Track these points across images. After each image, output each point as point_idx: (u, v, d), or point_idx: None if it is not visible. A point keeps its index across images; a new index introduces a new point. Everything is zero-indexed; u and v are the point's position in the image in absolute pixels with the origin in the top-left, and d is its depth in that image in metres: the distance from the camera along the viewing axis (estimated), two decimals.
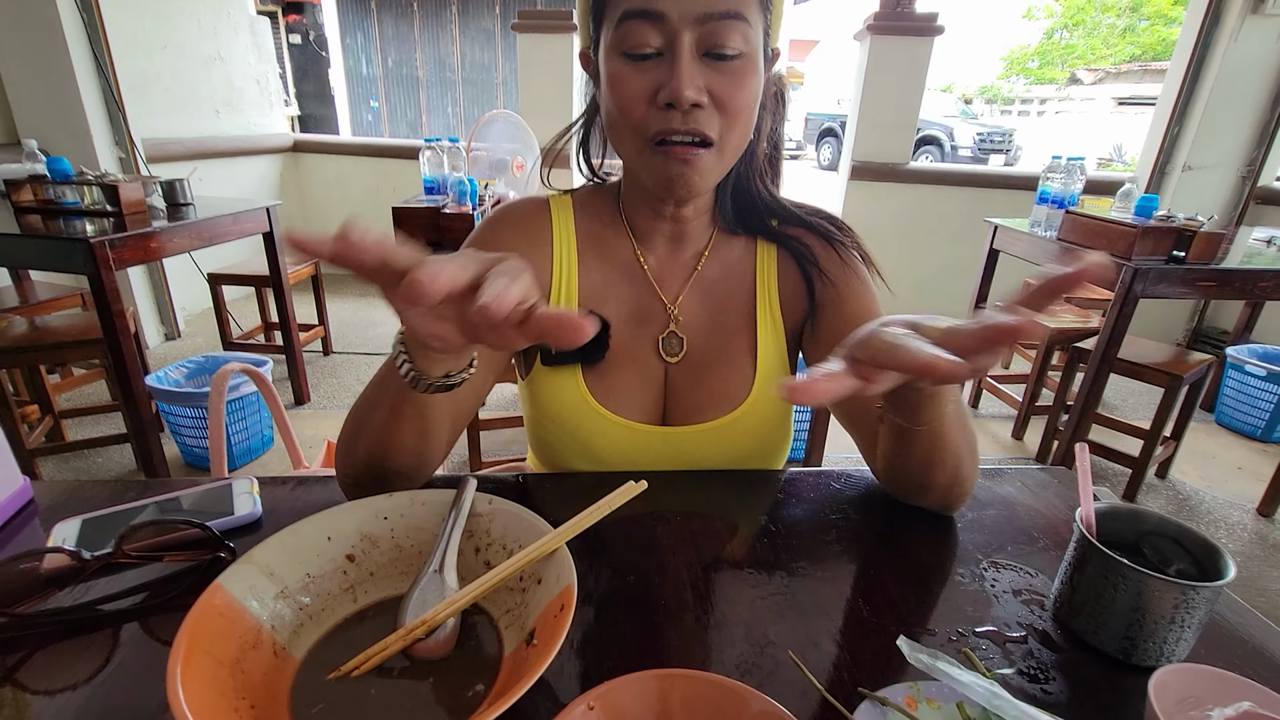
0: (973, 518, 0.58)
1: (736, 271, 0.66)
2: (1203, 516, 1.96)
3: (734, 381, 0.64)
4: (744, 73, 0.52)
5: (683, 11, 0.49)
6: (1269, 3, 2.74)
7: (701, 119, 0.52)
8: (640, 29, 0.51)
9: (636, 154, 0.56)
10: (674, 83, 0.50)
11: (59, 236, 1.60)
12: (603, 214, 0.67)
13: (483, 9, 7.78)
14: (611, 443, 0.63)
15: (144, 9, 2.92)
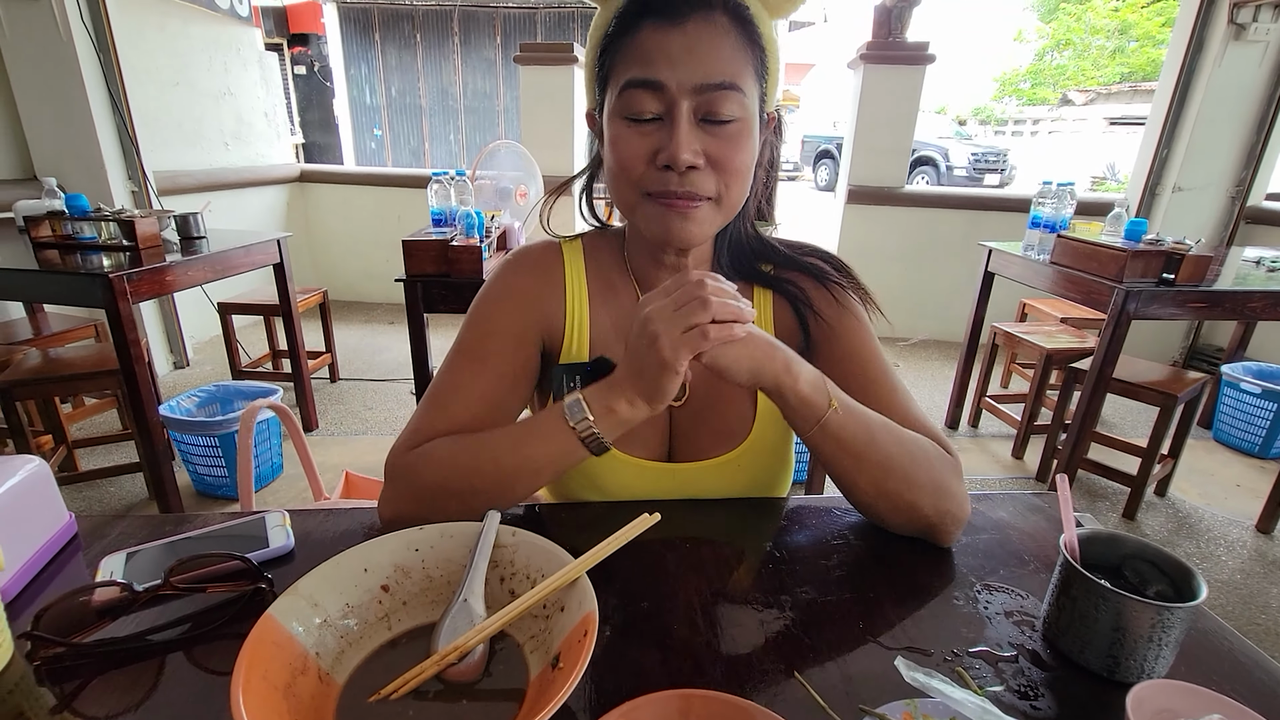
0: (967, 542, 0.61)
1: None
2: (1202, 534, 1.97)
3: (735, 421, 0.68)
4: (739, 136, 0.56)
5: (680, 82, 0.53)
6: (1249, 30, 2.82)
7: (698, 180, 0.56)
8: (641, 97, 0.55)
9: (635, 206, 0.59)
10: (672, 147, 0.54)
11: (78, 272, 1.65)
12: (609, 259, 0.70)
13: (484, 39, 7.96)
14: (621, 478, 0.67)
15: (158, 47, 3.02)
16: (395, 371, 3.08)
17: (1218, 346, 3.29)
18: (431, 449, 0.59)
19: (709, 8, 0.54)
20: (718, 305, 0.50)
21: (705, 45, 0.53)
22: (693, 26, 0.53)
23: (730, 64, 0.54)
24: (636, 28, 0.55)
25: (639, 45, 0.55)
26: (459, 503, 0.57)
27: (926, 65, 3.25)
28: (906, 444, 0.58)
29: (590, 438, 0.55)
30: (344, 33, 8.06)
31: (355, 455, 2.30)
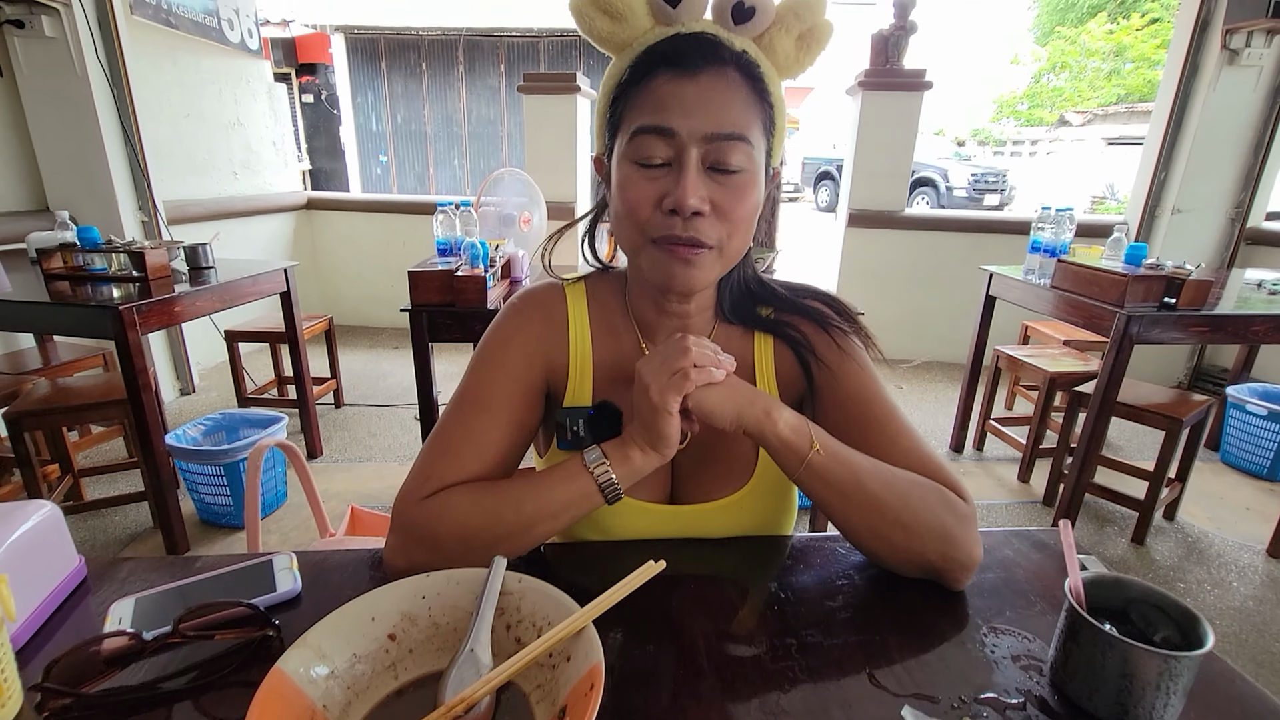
0: (973, 582, 0.61)
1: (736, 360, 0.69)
2: (1213, 560, 1.95)
3: (737, 465, 0.68)
4: (745, 187, 0.57)
5: (691, 130, 0.55)
6: (1243, 54, 2.87)
7: (702, 227, 0.57)
8: (651, 142, 0.56)
9: (640, 250, 0.60)
10: (679, 192, 0.55)
11: (88, 304, 1.67)
12: (612, 302, 0.71)
13: (488, 67, 8.11)
14: (624, 520, 0.67)
15: (170, 82, 3.08)
16: (400, 397, 3.09)
17: (1222, 367, 3.28)
18: (450, 499, 0.59)
19: (722, 62, 0.56)
20: (696, 352, 0.56)
21: (718, 97, 0.55)
22: (706, 78, 0.55)
23: (740, 116, 0.56)
24: (651, 76, 0.56)
25: (652, 93, 0.56)
26: (481, 551, 0.57)
27: (924, 91, 3.30)
28: (900, 487, 0.58)
29: (608, 484, 0.58)
30: (351, 62, 8.22)
31: (359, 483, 2.30)
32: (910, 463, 0.61)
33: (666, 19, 0.58)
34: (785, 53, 0.59)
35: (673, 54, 0.56)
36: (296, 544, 1.93)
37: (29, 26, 2.37)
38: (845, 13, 10.73)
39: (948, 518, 0.58)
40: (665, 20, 0.58)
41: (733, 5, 0.56)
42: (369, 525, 1.00)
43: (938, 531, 0.57)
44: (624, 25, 0.59)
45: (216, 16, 3.33)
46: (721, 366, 0.57)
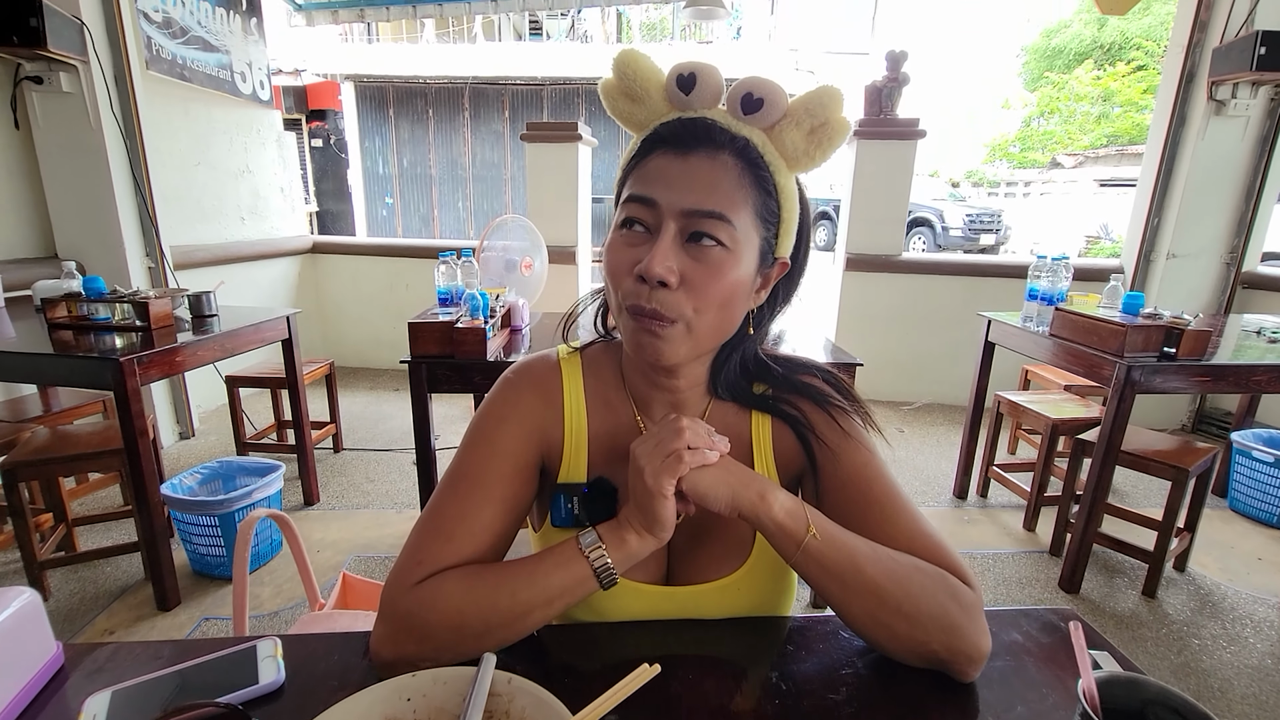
0: (982, 671, 0.59)
1: (731, 432, 0.67)
2: (1226, 614, 1.90)
3: (733, 545, 0.67)
4: (720, 264, 0.56)
5: (670, 202, 0.56)
6: (1229, 105, 2.93)
7: (666, 299, 0.56)
8: (635, 209, 0.58)
9: (620, 318, 0.61)
10: (648, 259, 0.55)
11: (88, 355, 1.67)
12: (608, 376, 0.70)
13: (493, 113, 8.33)
14: (619, 602, 0.65)
15: (182, 130, 3.16)
16: (398, 441, 3.07)
17: (1225, 411, 3.26)
18: (442, 586, 0.57)
19: (716, 146, 0.57)
20: (691, 433, 0.56)
21: (703, 176, 0.56)
22: (696, 159, 0.57)
23: (725, 197, 0.56)
24: (649, 154, 0.59)
25: (646, 168, 0.58)
26: (473, 642, 0.55)
27: (917, 140, 3.37)
28: (901, 574, 0.56)
29: (604, 569, 0.57)
30: (360, 108, 8.46)
31: (356, 531, 2.27)
32: (913, 545, 0.59)
33: (680, 104, 0.60)
34: (795, 145, 0.59)
35: (671, 135, 0.58)
36: (289, 598, 1.89)
37: (47, 82, 2.44)
38: (839, 62, 11.07)
39: (952, 606, 0.56)
40: (679, 105, 0.60)
41: (741, 96, 0.58)
42: (361, 594, 0.97)
43: (941, 621, 0.55)
44: (641, 107, 0.61)
45: (230, 70, 3.43)
46: (715, 448, 0.57)
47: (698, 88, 0.58)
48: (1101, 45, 14.54)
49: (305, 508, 2.43)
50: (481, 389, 1.71)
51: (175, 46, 3.03)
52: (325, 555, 2.12)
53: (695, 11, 3.58)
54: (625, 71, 0.60)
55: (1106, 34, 14.32)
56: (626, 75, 0.60)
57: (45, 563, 1.88)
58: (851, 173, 3.49)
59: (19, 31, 2.21)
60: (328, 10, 4.39)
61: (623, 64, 0.60)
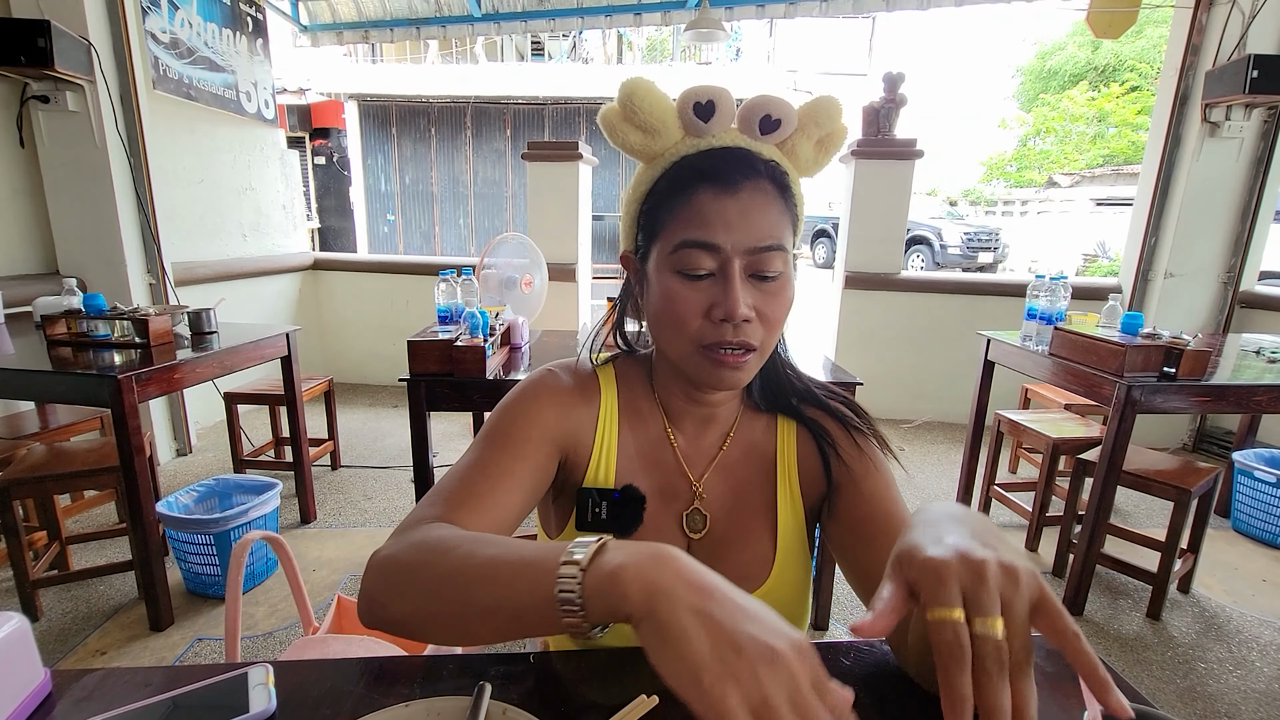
0: None
1: (758, 453, 0.70)
2: (1232, 636, 1.88)
3: (754, 563, 0.67)
4: (781, 291, 0.60)
5: (734, 244, 0.57)
6: (1223, 128, 2.97)
7: (749, 331, 0.59)
8: (697, 255, 0.58)
9: (687, 356, 0.61)
10: (729, 303, 0.57)
11: (86, 373, 1.67)
12: (639, 388, 0.72)
13: (494, 132, 8.42)
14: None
15: (186, 149, 3.19)
16: (396, 459, 3.06)
17: (1227, 430, 3.25)
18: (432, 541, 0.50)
19: (758, 175, 0.59)
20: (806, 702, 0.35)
21: (757, 211, 0.58)
22: (745, 194, 0.58)
23: (776, 227, 0.59)
24: (692, 191, 0.59)
25: (695, 208, 0.58)
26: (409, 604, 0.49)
27: (915, 160, 3.40)
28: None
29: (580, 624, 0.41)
30: (363, 126, 8.55)
31: (353, 550, 2.25)
32: None
33: (697, 131, 0.60)
34: (806, 156, 0.63)
35: (712, 170, 0.58)
36: (283, 618, 1.87)
37: (54, 101, 2.47)
38: (836, 83, 11.21)
39: None
40: (696, 133, 0.61)
41: (760, 118, 0.59)
42: (354, 618, 0.96)
43: None
44: (656, 138, 0.61)
45: (235, 89, 3.47)
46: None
47: (717, 114, 0.59)
48: (1096, 67, 14.75)
49: (302, 526, 2.42)
50: (481, 407, 1.70)
51: (182, 66, 3.07)
52: (321, 574, 2.10)
53: (696, 34, 3.63)
54: (637, 105, 0.58)
55: (1100, 56, 14.53)
56: (639, 109, 0.58)
57: (38, 581, 1.86)
58: (850, 192, 3.51)
59: (27, 51, 2.24)
60: (332, 31, 4.46)
61: (632, 97, 0.58)
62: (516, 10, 4.28)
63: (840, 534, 0.67)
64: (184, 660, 1.68)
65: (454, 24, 4.37)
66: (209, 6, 3.26)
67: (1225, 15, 2.91)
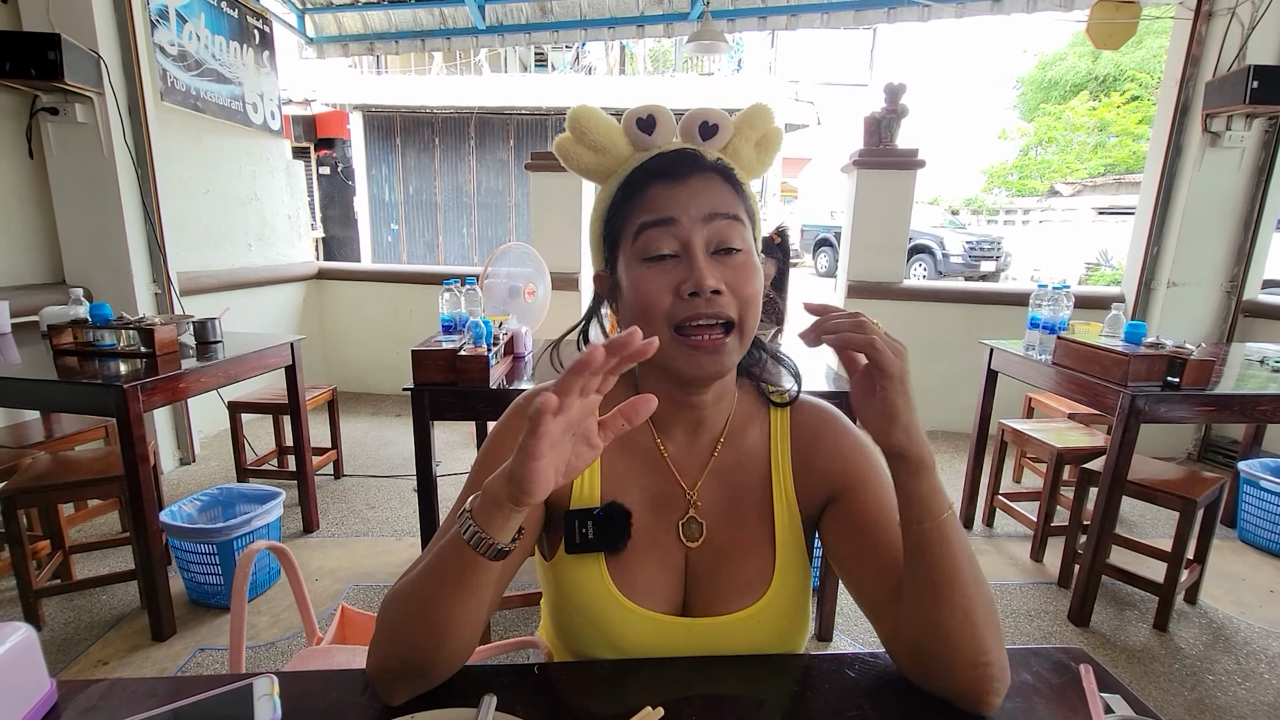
0: (994, 714, 0.58)
1: (751, 459, 0.70)
2: (1240, 648, 1.87)
3: (754, 573, 0.66)
4: (747, 266, 0.61)
5: (690, 215, 0.60)
6: (1224, 138, 2.97)
7: (723, 303, 0.60)
8: (657, 235, 0.60)
9: (665, 346, 0.61)
10: (696, 275, 0.59)
11: (92, 382, 1.67)
12: (620, 398, 0.70)
13: (498, 142, 8.47)
14: (635, 634, 0.64)
15: (193, 160, 3.22)
16: (399, 467, 3.06)
17: (1232, 439, 3.24)
18: (394, 587, 0.58)
19: (704, 168, 0.62)
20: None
21: (706, 191, 0.62)
22: (695, 181, 0.62)
23: (730, 202, 0.62)
24: (644, 187, 0.62)
25: (649, 199, 0.62)
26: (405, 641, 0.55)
27: (917, 170, 3.42)
28: (982, 574, 0.58)
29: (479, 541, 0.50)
30: (368, 137, 8.61)
31: (356, 559, 2.24)
32: None
33: (643, 145, 0.66)
34: (748, 157, 0.67)
35: (661, 167, 0.63)
36: (286, 628, 1.87)
37: (63, 113, 2.50)
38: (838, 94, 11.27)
39: (1000, 623, 0.58)
40: (642, 146, 0.66)
41: (699, 124, 0.65)
42: (359, 628, 0.96)
43: (998, 634, 0.57)
44: (606, 156, 0.66)
45: (242, 101, 3.51)
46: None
47: (658, 127, 0.65)
48: (1096, 77, 14.81)
49: (304, 535, 2.41)
50: (484, 416, 1.71)
51: (189, 78, 3.10)
52: (324, 584, 2.10)
53: (698, 45, 3.66)
54: (585, 127, 0.65)
55: (1101, 66, 14.59)
56: (588, 130, 0.65)
57: (41, 591, 1.86)
58: (852, 201, 3.52)
59: (37, 64, 2.27)
60: (338, 43, 4.50)
61: (580, 121, 0.65)
62: (520, 22, 4.32)
63: (837, 544, 0.66)
64: (186, 670, 1.68)
65: (458, 36, 4.41)
66: (217, 19, 3.30)
67: (1224, 26, 2.92)
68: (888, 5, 3.82)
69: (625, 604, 0.64)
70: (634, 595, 0.65)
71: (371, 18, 4.34)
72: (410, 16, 4.32)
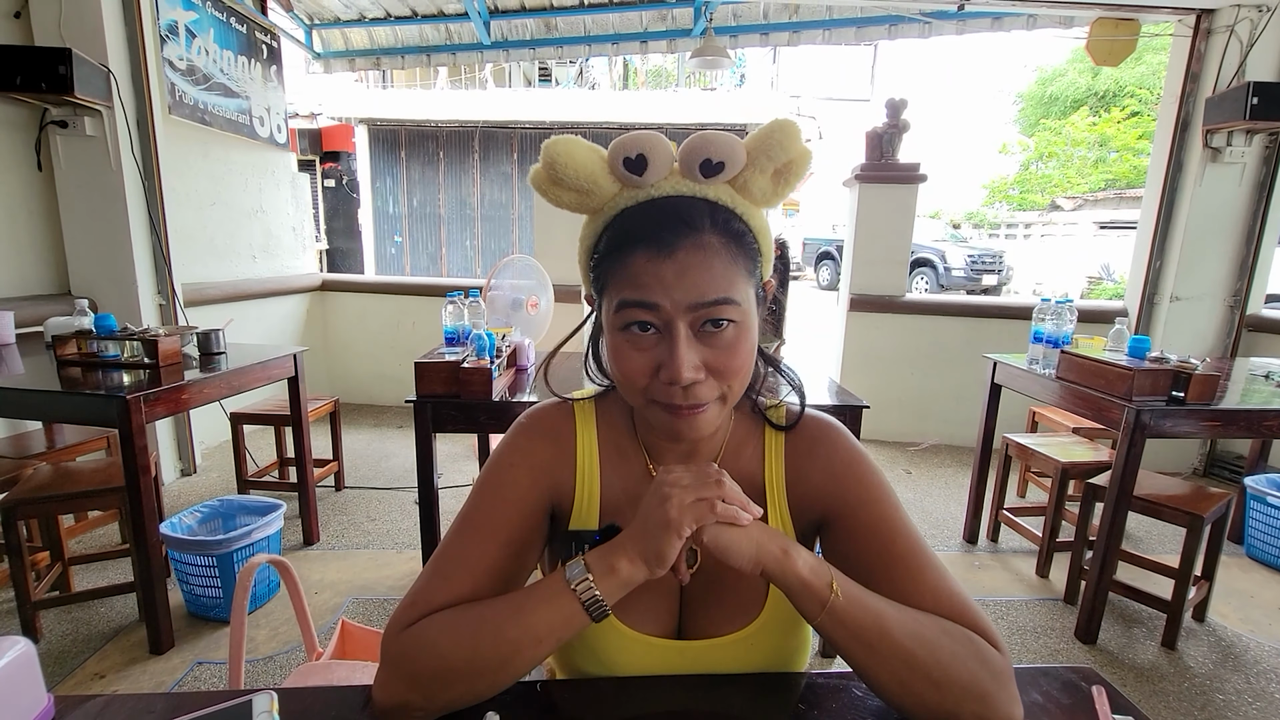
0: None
1: (746, 483, 0.67)
2: (1250, 667, 1.84)
3: (748, 595, 0.65)
4: (737, 340, 0.57)
5: (675, 302, 0.54)
6: (1225, 153, 2.99)
7: (701, 391, 0.57)
8: (638, 314, 0.55)
9: (644, 408, 0.60)
10: (673, 366, 0.54)
11: (95, 393, 1.67)
12: (619, 424, 0.70)
13: (501, 155, 8.53)
14: (630, 657, 0.64)
15: (199, 172, 3.25)
16: (401, 479, 3.05)
17: (1238, 454, 3.22)
18: (428, 626, 0.56)
19: (697, 231, 0.55)
20: (730, 490, 0.55)
21: (696, 269, 0.54)
22: (683, 254, 0.54)
23: (722, 280, 0.55)
24: (628, 253, 0.56)
25: (631, 271, 0.55)
26: (463, 685, 0.54)
27: (919, 184, 3.43)
28: (929, 637, 0.54)
29: (591, 600, 0.54)
30: (372, 150, 8.67)
31: (356, 572, 2.23)
32: (938, 604, 0.58)
33: (634, 184, 0.57)
34: (762, 189, 0.58)
35: (645, 233, 0.55)
36: (285, 641, 1.85)
37: (72, 126, 2.52)
38: (840, 109, 11.36)
39: (982, 674, 0.53)
40: (633, 185, 0.57)
41: (700, 162, 0.56)
42: (360, 643, 0.95)
43: (972, 690, 0.53)
44: (591, 196, 0.58)
45: (249, 114, 3.54)
46: (749, 510, 0.54)
47: (650, 166, 0.55)
48: (1096, 93, 14.89)
49: (305, 547, 2.40)
50: (487, 429, 1.70)
51: (197, 92, 3.14)
52: (324, 596, 2.09)
53: (700, 60, 3.69)
54: (563, 169, 0.56)
55: (1100, 82, 14.68)
56: (566, 173, 0.56)
57: (39, 603, 1.85)
58: (854, 215, 3.54)
59: (48, 79, 2.30)
60: (345, 58, 4.55)
61: (556, 160, 0.56)
62: (525, 38, 4.37)
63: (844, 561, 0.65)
64: (184, 684, 1.66)
65: (464, 51, 4.47)
66: (225, 34, 3.34)
67: (1223, 43, 2.95)
68: (889, 22, 3.86)
69: (619, 628, 0.64)
70: (628, 619, 0.64)
71: (378, 33, 4.40)
72: (416, 32, 4.38)
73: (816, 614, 0.54)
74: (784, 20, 4.01)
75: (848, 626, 0.54)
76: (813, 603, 0.54)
